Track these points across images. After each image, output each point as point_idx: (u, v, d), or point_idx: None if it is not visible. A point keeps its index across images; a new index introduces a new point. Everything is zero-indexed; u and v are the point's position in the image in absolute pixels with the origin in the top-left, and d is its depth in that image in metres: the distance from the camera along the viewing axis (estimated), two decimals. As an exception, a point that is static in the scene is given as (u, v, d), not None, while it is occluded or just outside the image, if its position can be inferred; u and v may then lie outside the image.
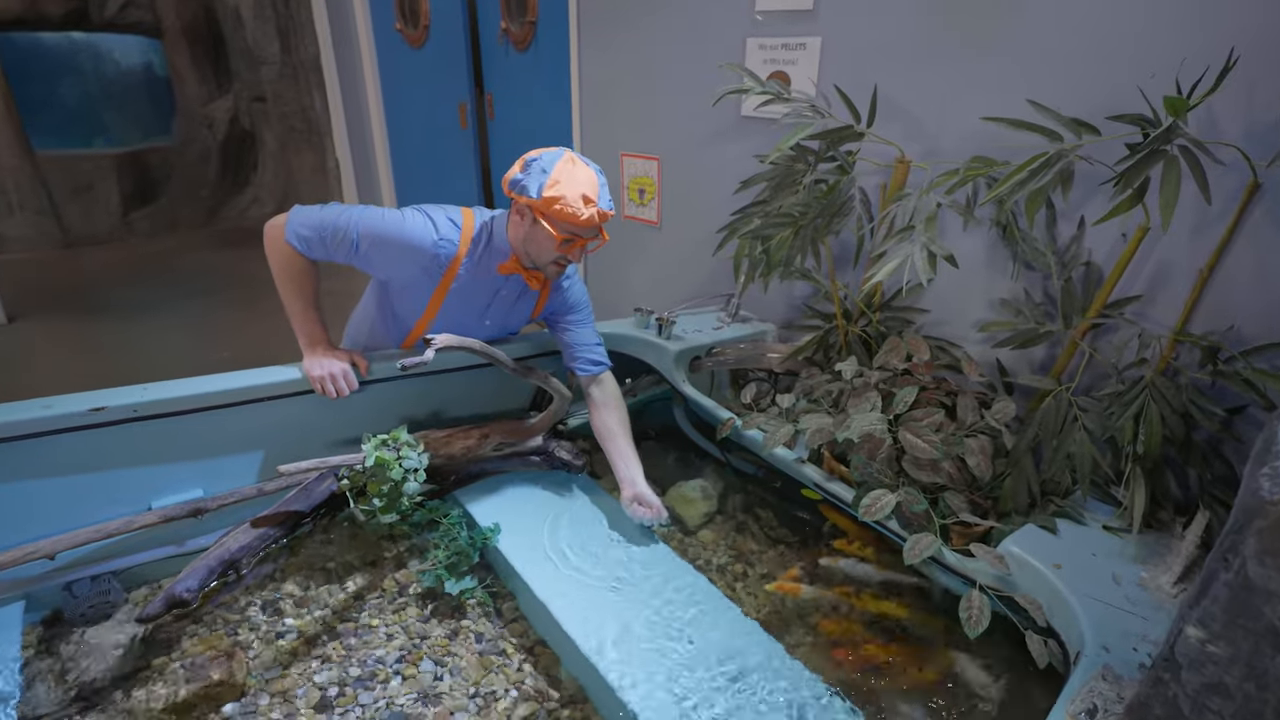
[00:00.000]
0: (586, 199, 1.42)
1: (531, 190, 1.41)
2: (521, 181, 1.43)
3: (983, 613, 1.14)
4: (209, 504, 1.43)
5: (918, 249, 1.31)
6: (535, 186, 1.41)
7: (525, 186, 1.42)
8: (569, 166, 1.43)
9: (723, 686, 1.17)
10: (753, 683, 1.18)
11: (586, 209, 1.42)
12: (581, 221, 1.42)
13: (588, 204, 1.42)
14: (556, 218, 1.42)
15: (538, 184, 1.41)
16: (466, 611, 1.44)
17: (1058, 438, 1.34)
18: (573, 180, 1.41)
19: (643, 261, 2.79)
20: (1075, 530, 1.33)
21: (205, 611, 1.39)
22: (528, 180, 1.42)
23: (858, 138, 1.58)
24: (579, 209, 1.41)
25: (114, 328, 3.70)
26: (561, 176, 1.41)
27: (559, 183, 1.40)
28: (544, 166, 1.42)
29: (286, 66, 5.14)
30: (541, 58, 3.16)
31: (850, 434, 1.39)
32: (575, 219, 1.41)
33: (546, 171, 1.41)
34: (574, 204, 1.40)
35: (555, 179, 1.41)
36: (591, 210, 1.42)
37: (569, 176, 1.41)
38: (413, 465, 1.50)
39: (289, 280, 1.53)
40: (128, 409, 1.37)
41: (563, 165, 1.43)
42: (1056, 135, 1.25)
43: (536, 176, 1.42)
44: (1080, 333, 1.49)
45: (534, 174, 1.42)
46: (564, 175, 1.41)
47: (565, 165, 1.43)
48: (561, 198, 1.39)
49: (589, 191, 1.42)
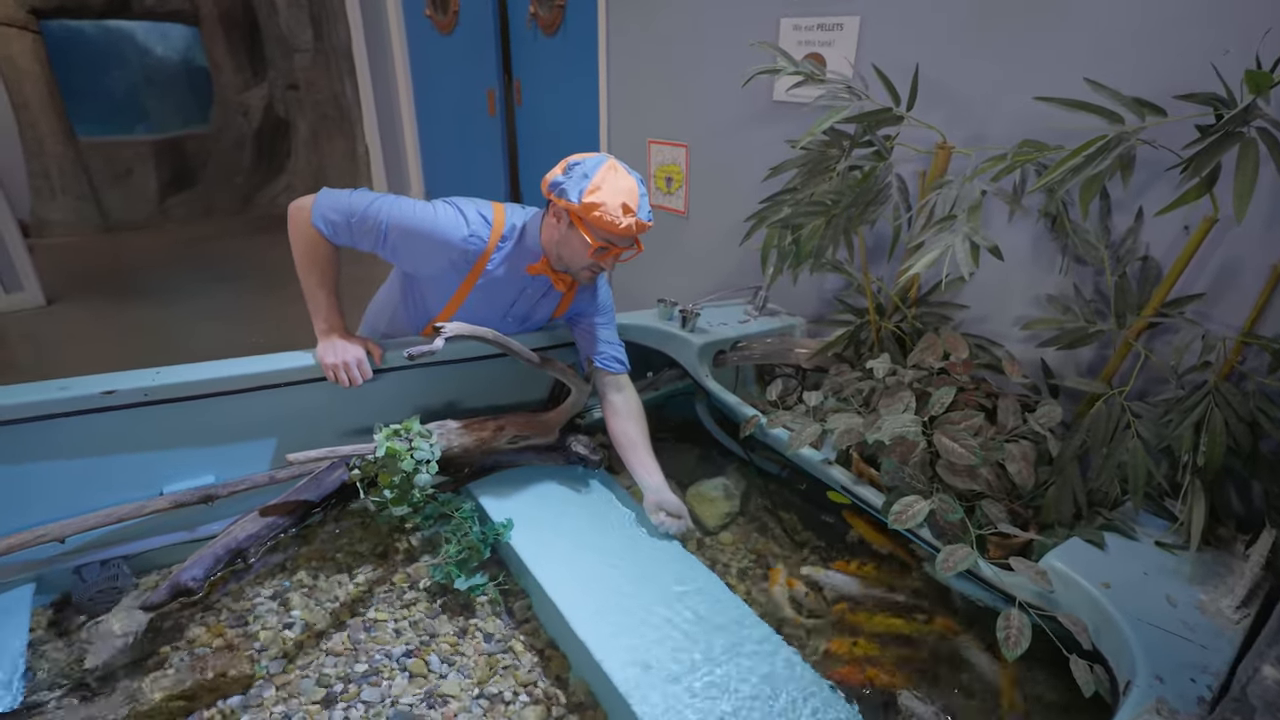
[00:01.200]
0: (626, 208, 1.38)
1: (571, 194, 1.37)
2: (562, 184, 1.39)
3: (1022, 633, 1.05)
4: (220, 490, 1.40)
5: (960, 239, 1.22)
6: (575, 191, 1.37)
7: (565, 190, 1.38)
8: (611, 174, 1.40)
9: (742, 699, 1.11)
10: (772, 696, 1.12)
11: (625, 218, 1.38)
12: (619, 230, 1.38)
13: (627, 213, 1.38)
14: (594, 224, 1.38)
15: (578, 189, 1.37)
16: (476, 609, 1.40)
17: (1108, 445, 1.25)
18: (614, 188, 1.38)
19: (668, 252, 2.72)
20: (1125, 546, 1.23)
21: (214, 599, 1.38)
22: (568, 184, 1.38)
23: (897, 121, 1.49)
24: (617, 218, 1.37)
25: (149, 312, 3.76)
26: (603, 183, 1.37)
27: (599, 189, 1.37)
28: (586, 171, 1.39)
29: (319, 54, 5.16)
30: (570, 42, 3.10)
31: (881, 436, 1.31)
32: (613, 227, 1.38)
33: (588, 177, 1.38)
34: (613, 212, 1.36)
35: (596, 185, 1.37)
36: (630, 220, 1.38)
37: (610, 184, 1.38)
38: (425, 457, 1.46)
39: (311, 264, 1.50)
40: (139, 392, 1.35)
41: (605, 172, 1.39)
42: (1117, 116, 1.15)
43: (577, 181, 1.38)
44: (1135, 333, 1.39)
45: (575, 178, 1.39)
46: (605, 182, 1.38)
47: (607, 172, 1.39)
48: (601, 205, 1.36)
49: (629, 201, 1.38)
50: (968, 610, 1.33)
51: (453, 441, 1.55)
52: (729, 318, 2.07)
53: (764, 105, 2.14)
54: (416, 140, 4.49)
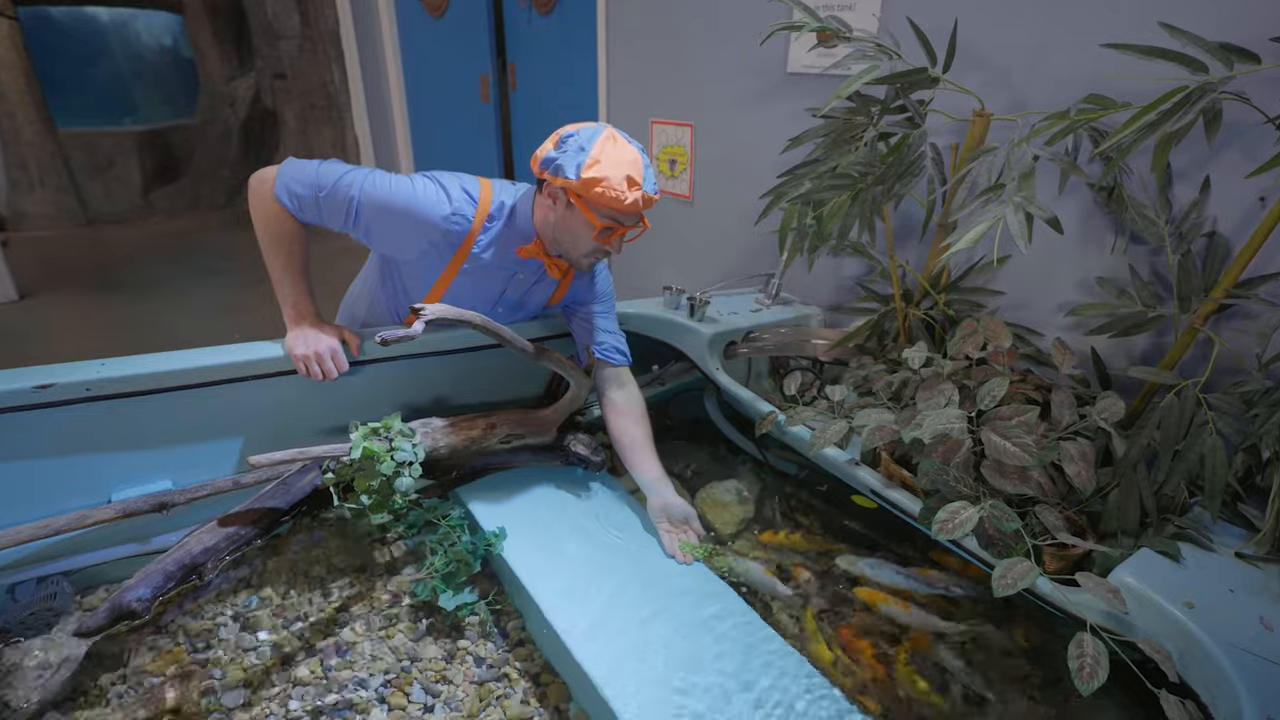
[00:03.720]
0: (631, 181, 1.22)
1: (568, 170, 1.22)
2: (556, 160, 1.24)
3: (1098, 662, 0.90)
4: (177, 497, 1.24)
5: (1011, 210, 1.07)
6: (573, 166, 1.22)
7: (560, 166, 1.23)
8: (610, 144, 1.24)
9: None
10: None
11: (631, 192, 1.22)
12: (624, 207, 1.23)
13: (632, 186, 1.23)
14: (597, 202, 1.23)
15: (575, 163, 1.22)
16: (465, 630, 1.24)
17: (1182, 443, 1.10)
18: (615, 160, 1.22)
19: (672, 239, 2.57)
20: (1201, 558, 1.08)
21: (167, 620, 1.22)
22: (563, 159, 1.23)
23: (931, 84, 1.34)
24: (622, 192, 1.22)
25: (129, 307, 3.59)
26: (602, 155, 1.22)
27: (599, 162, 1.21)
28: (581, 144, 1.24)
29: (306, 40, 4.99)
30: (566, 21, 2.94)
31: (921, 434, 1.16)
32: (618, 203, 1.22)
33: (585, 149, 1.23)
34: (617, 186, 1.21)
35: (595, 158, 1.22)
36: (636, 194, 1.23)
37: (611, 156, 1.22)
38: (407, 458, 1.31)
39: (275, 243, 1.34)
40: (79, 387, 1.19)
41: (603, 142, 1.24)
42: (1200, 64, 1.00)
43: (574, 155, 1.23)
44: (1201, 318, 1.24)
45: (570, 152, 1.23)
46: (605, 154, 1.22)
47: (606, 143, 1.24)
48: (604, 179, 1.20)
49: (633, 173, 1.23)
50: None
51: (438, 441, 1.40)
52: (740, 306, 1.92)
53: (776, 78, 1.98)
54: (407, 129, 4.33)
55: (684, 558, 1.34)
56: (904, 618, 1.22)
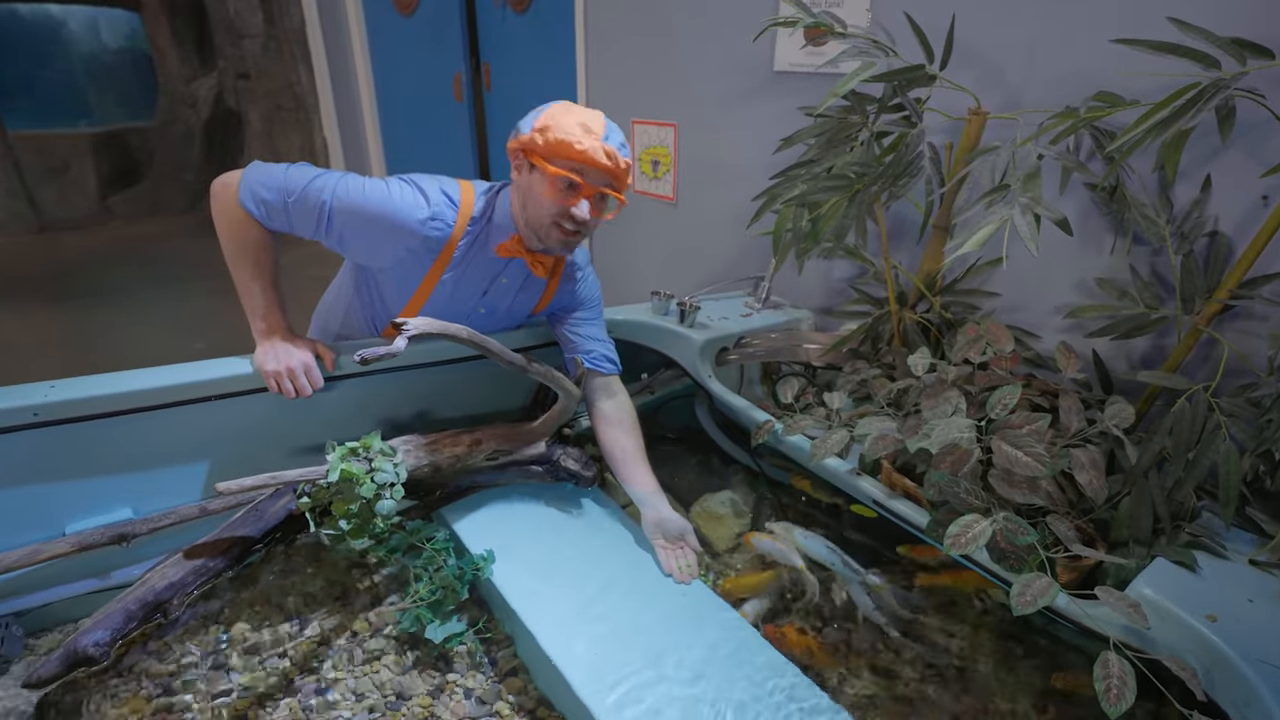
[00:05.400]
0: (585, 127, 1.19)
1: (525, 128, 1.21)
2: (517, 125, 1.24)
3: (1125, 683, 0.87)
4: (138, 527, 1.15)
5: (1018, 211, 1.04)
6: (528, 123, 1.21)
7: (519, 127, 1.23)
8: (567, 106, 1.23)
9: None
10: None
11: (586, 139, 1.18)
12: (579, 153, 1.17)
13: (587, 134, 1.18)
14: (551, 152, 1.18)
15: (532, 121, 1.21)
16: (454, 661, 1.17)
17: (1195, 449, 1.07)
18: (571, 113, 1.21)
19: (656, 242, 2.51)
20: (1216, 566, 1.05)
21: (130, 662, 1.13)
22: (521, 122, 1.23)
23: (928, 82, 1.30)
24: (575, 137, 1.17)
25: (85, 317, 3.43)
26: (559, 112, 1.21)
27: (554, 115, 1.20)
28: (541, 109, 1.23)
29: (271, 39, 4.84)
30: (543, 19, 2.87)
31: (930, 444, 1.12)
32: (570, 149, 1.17)
33: (543, 110, 1.22)
34: (570, 131, 1.17)
35: (550, 114, 1.20)
36: (594, 142, 1.18)
37: (568, 112, 1.21)
38: (388, 479, 1.23)
39: (241, 253, 1.26)
40: (26, 412, 1.10)
41: (561, 105, 1.23)
42: (1212, 60, 0.97)
43: (532, 118, 1.22)
44: (1205, 319, 1.22)
45: (529, 116, 1.23)
46: (561, 111, 1.21)
47: (563, 105, 1.23)
48: (556, 125, 1.18)
49: (588, 121, 1.20)
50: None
51: (421, 459, 1.32)
52: (730, 311, 1.87)
53: (763, 77, 1.94)
54: (378, 130, 4.21)
55: (682, 576, 1.28)
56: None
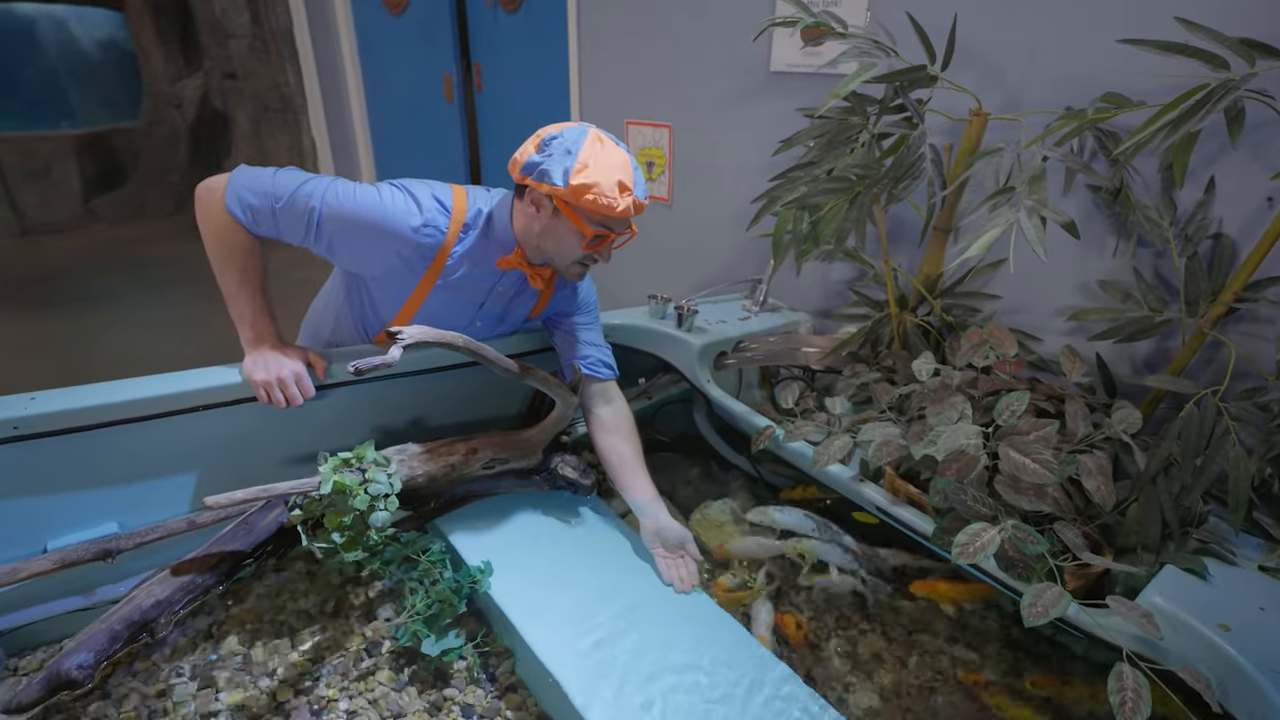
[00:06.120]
0: (622, 186, 1.15)
1: (555, 176, 1.13)
2: (540, 165, 1.14)
3: (1140, 696, 0.85)
4: (123, 542, 1.12)
5: (1024, 214, 1.02)
6: (559, 171, 1.13)
7: (546, 171, 1.14)
8: (598, 148, 1.15)
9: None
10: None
11: (623, 199, 1.15)
12: (617, 214, 1.15)
13: (624, 192, 1.15)
14: (587, 209, 1.15)
15: (562, 168, 1.13)
16: (451, 677, 1.15)
17: (1204, 455, 1.06)
18: (605, 165, 1.14)
19: (650, 244, 2.48)
20: (1226, 573, 1.04)
21: (116, 683, 1.09)
22: (549, 164, 1.14)
23: (929, 82, 1.28)
24: (615, 199, 1.13)
25: (68, 323, 3.36)
26: (591, 160, 1.13)
27: (589, 167, 1.13)
28: (568, 147, 1.14)
29: (257, 39, 4.77)
30: (535, 18, 2.84)
31: (936, 450, 1.10)
32: (610, 210, 1.14)
33: (572, 154, 1.13)
34: (609, 193, 1.13)
35: (584, 162, 1.13)
36: (628, 200, 1.15)
37: (600, 160, 1.14)
38: (382, 490, 1.20)
39: (227, 260, 1.22)
40: (6, 425, 1.06)
41: (591, 146, 1.15)
42: (1220, 61, 0.95)
43: (560, 159, 1.13)
44: (1210, 321, 1.21)
45: (556, 156, 1.14)
46: (594, 159, 1.14)
47: (593, 146, 1.15)
48: (595, 185, 1.12)
49: (624, 178, 1.15)
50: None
51: (416, 469, 1.29)
52: (727, 314, 1.85)
53: (759, 78, 1.92)
54: (368, 131, 4.16)
55: (682, 586, 1.26)
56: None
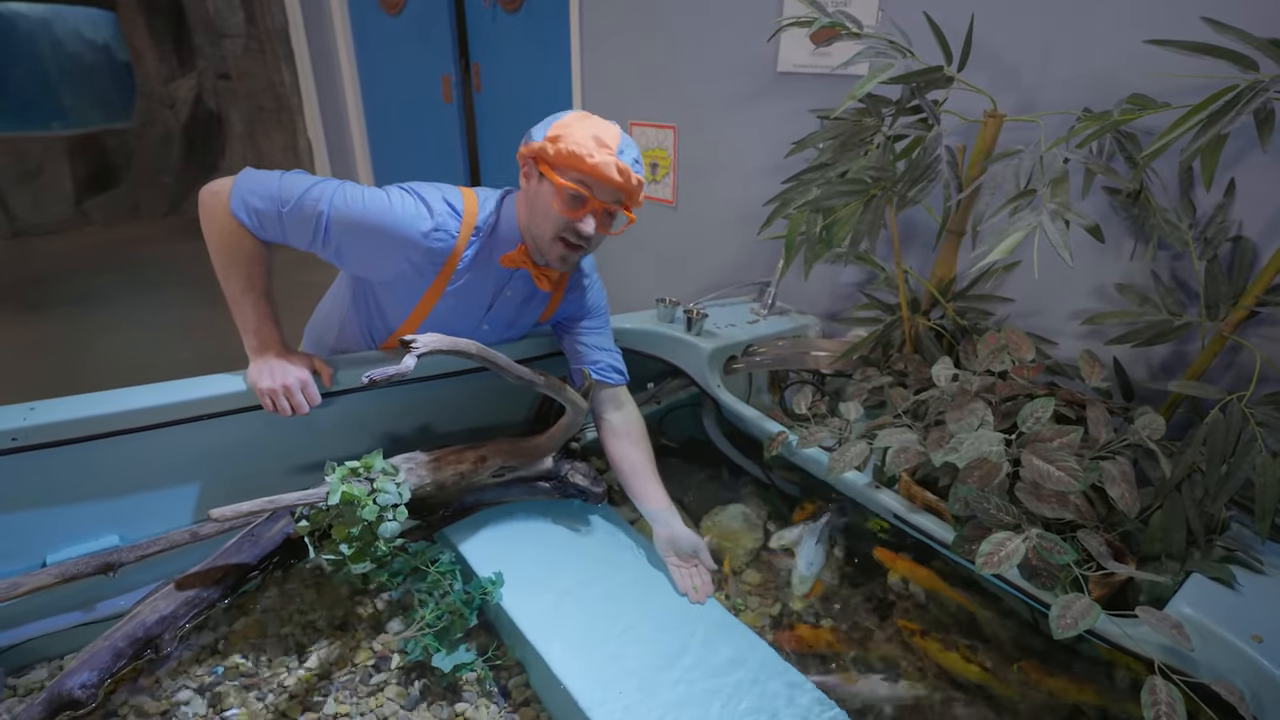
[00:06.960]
0: (600, 142, 1.14)
1: (536, 134, 1.17)
2: (529, 132, 1.19)
3: (1174, 710, 0.83)
4: (125, 555, 1.09)
5: (1047, 217, 1.00)
6: (541, 131, 1.17)
7: (531, 134, 1.19)
8: (584, 117, 1.18)
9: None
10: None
11: (600, 152, 1.13)
12: (590, 166, 1.12)
13: (601, 147, 1.13)
14: (561, 162, 1.14)
15: (544, 129, 1.17)
16: (463, 691, 1.12)
17: (1230, 461, 1.04)
18: (587, 124, 1.16)
19: (654, 247, 2.46)
20: (1254, 582, 1.03)
21: (118, 701, 1.06)
22: (534, 129, 1.19)
23: (946, 83, 1.26)
24: (590, 150, 1.12)
25: (61, 326, 3.32)
26: (574, 121, 1.16)
27: (568, 125, 1.15)
28: (556, 117, 1.18)
29: (252, 40, 4.73)
30: (535, 17, 2.81)
31: (958, 458, 1.08)
32: (582, 162, 1.12)
33: (559, 118, 1.18)
34: (583, 143, 1.12)
35: (565, 122, 1.16)
36: (606, 156, 1.13)
37: (584, 121, 1.16)
38: (391, 500, 1.17)
39: (231, 265, 1.20)
40: (4, 437, 1.03)
41: (580, 115, 1.19)
42: (1250, 62, 0.94)
43: (545, 125, 1.18)
44: (1231, 325, 1.19)
45: (544, 124, 1.18)
46: (577, 120, 1.17)
47: (583, 115, 1.19)
48: (569, 135, 1.13)
49: (604, 137, 1.14)
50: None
51: (424, 478, 1.27)
52: (736, 318, 1.83)
53: (766, 79, 1.90)
54: (364, 133, 4.13)
55: (696, 596, 1.24)
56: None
